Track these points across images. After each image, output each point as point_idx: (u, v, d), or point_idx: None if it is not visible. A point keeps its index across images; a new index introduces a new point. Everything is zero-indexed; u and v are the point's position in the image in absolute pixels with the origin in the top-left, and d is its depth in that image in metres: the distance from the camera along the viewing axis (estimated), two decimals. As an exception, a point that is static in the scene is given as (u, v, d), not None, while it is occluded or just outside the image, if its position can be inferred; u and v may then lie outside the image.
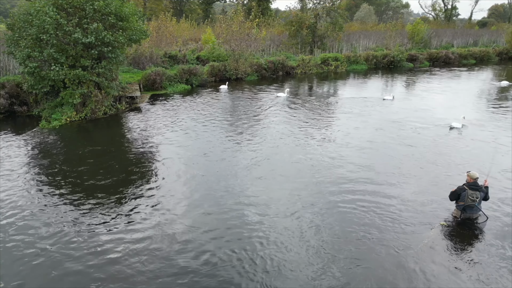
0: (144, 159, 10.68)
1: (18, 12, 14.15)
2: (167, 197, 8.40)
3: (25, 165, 10.13)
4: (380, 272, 6.02)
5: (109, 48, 14.01)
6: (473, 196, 7.27)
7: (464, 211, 7.46)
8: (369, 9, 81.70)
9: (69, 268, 6.07)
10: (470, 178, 7.40)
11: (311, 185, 8.98)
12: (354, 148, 11.43)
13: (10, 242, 6.72)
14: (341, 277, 5.87)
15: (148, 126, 13.66)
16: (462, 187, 7.43)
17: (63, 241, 6.75)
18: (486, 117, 15.16)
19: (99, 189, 8.76)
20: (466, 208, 7.41)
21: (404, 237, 6.92)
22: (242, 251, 6.48)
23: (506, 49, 37.05)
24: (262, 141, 12.04)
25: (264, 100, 18.20)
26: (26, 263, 6.18)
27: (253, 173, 9.63)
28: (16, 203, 8.06)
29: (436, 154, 10.91)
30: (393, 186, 8.94)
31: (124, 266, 6.11)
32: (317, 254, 6.41)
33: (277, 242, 6.74)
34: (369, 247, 6.64)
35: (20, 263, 6.17)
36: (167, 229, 7.13)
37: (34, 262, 6.19)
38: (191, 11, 65.83)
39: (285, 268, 6.06)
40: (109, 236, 6.89)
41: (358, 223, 7.36)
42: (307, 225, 7.27)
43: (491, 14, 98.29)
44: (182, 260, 6.24)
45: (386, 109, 16.53)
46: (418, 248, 6.59)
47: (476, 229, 7.34)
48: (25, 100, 15.29)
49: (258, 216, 7.56)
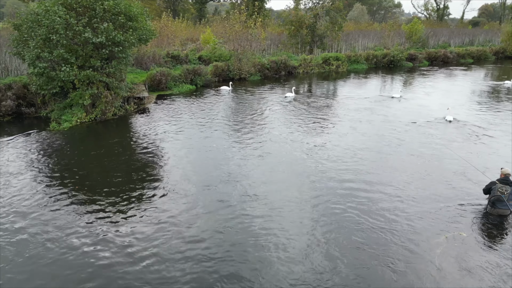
0: (155, 161, 10.49)
1: (25, 12, 13.87)
2: (175, 200, 8.26)
3: (39, 166, 9.93)
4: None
5: (119, 48, 13.82)
6: (502, 189, 7.59)
7: (494, 205, 7.65)
8: (362, 8, 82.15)
9: (75, 267, 6.06)
10: (502, 173, 7.83)
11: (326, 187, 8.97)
12: (373, 143, 11.47)
13: (19, 241, 6.71)
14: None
15: (157, 128, 13.48)
16: (494, 181, 7.83)
17: (72, 241, 6.72)
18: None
19: (114, 190, 8.65)
20: (496, 202, 7.61)
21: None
22: (245, 253, 6.45)
23: (502, 48, 37.53)
24: (274, 144, 11.95)
25: (272, 100, 18.14)
26: (31, 262, 6.17)
27: (260, 176, 9.57)
28: (29, 204, 7.93)
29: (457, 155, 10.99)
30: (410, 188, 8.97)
31: (126, 267, 6.09)
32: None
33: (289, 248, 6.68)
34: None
35: (25, 262, 6.11)
36: (173, 231, 7.06)
37: (40, 262, 6.19)
38: (185, 10, 65.48)
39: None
40: (115, 237, 6.87)
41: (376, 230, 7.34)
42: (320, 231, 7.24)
43: (481, 13, 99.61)
44: (188, 265, 6.17)
45: (396, 106, 16.90)
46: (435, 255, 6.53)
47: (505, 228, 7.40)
48: (32, 102, 15.01)
49: (266, 222, 7.42)
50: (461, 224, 7.36)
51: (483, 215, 7.71)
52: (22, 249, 6.49)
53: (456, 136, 12.57)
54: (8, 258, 6.28)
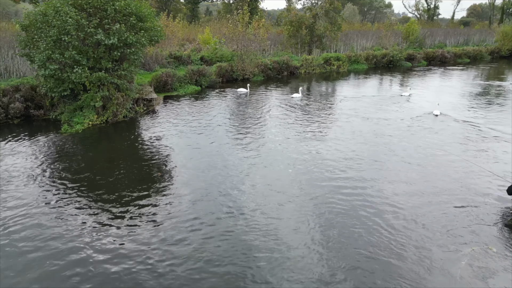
0: (167, 166, 10.27)
1: (34, 12, 13.57)
2: (186, 206, 8.12)
3: (52, 168, 9.74)
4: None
5: (131, 50, 13.64)
6: None
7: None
8: (353, 8, 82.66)
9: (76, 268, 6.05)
10: None
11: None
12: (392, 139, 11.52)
13: (25, 244, 6.70)
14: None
15: (169, 130, 13.27)
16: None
17: (81, 242, 6.71)
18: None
19: (125, 195, 8.53)
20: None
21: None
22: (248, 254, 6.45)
23: (497, 48, 38.10)
24: (287, 148, 11.93)
25: (280, 100, 18.09)
26: (35, 262, 6.20)
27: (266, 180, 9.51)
28: (42, 206, 7.78)
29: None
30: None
31: (129, 269, 6.09)
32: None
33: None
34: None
35: (27, 263, 6.03)
36: (177, 236, 7.01)
37: (44, 263, 6.22)
38: (177, 10, 65.04)
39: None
40: (120, 238, 6.86)
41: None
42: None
43: (469, 13, 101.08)
44: (191, 269, 6.13)
45: (407, 104, 17.25)
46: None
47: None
48: (40, 104, 14.70)
49: (271, 226, 7.36)
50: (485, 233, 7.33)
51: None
52: (28, 251, 6.49)
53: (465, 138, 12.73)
54: (12, 259, 6.28)
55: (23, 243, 6.71)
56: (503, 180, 8.94)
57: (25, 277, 5.89)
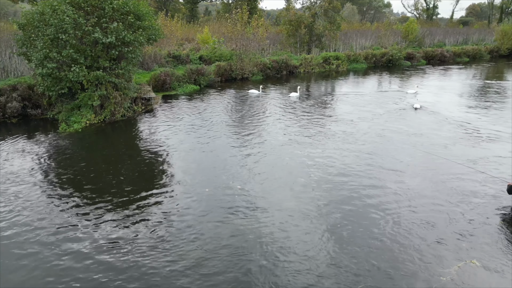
0: (165, 166, 10.14)
1: (31, 11, 13.48)
2: (183, 205, 8.04)
3: (50, 168, 9.67)
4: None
5: (129, 48, 13.55)
6: None
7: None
8: (353, 8, 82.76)
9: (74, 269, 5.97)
10: None
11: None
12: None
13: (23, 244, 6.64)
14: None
15: (167, 130, 13.17)
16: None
17: (79, 242, 6.57)
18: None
19: (124, 195, 8.45)
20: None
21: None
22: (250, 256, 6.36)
23: (496, 47, 38.09)
24: (288, 147, 11.86)
25: (279, 100, 18.03)
26: (34, 265, 6.10)
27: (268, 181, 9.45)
28: (39, 205, 7.71)
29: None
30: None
31: (129, 268, 6.03)
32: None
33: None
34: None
35: (27, 265, 5.97)
36: (178, 236, 6.93)
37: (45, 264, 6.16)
38: (176, 10, 64.97)
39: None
40: (120, 238, 6.78)
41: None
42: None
43: (468, 13, 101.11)
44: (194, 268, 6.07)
45: (412, 101, 17.51)
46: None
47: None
48: (37, 103, 14.63)
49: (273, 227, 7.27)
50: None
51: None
52: (26, 251, 6.42)
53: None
54: (10, 259, 6.22)
55: (19, 242, 6.64)
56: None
57: (23, 277, 5.83)
